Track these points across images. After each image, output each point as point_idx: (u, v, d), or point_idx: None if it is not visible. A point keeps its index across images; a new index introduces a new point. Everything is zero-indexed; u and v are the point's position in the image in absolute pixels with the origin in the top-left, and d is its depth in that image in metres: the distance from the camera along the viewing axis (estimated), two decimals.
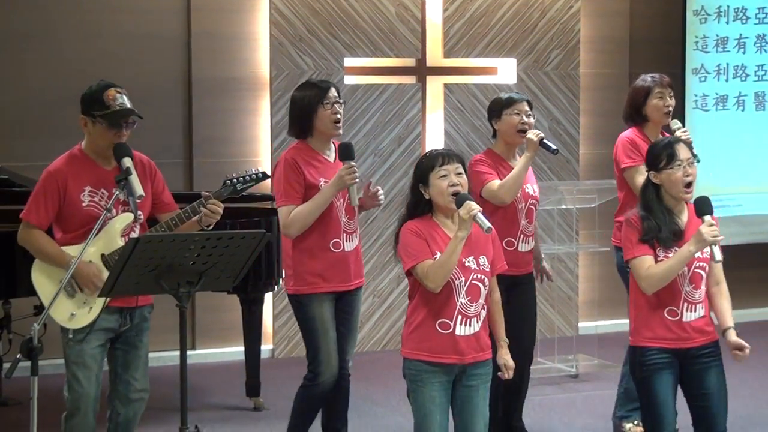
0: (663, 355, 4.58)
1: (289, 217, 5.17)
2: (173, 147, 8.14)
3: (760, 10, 9.22)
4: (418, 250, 4.37)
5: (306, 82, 5.51)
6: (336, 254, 5.25)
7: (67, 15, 7.88)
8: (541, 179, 8.76)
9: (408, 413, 6.74)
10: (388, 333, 8.66)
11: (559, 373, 7.65)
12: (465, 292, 4.38)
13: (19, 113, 7.75)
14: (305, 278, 5.25)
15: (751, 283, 8.94)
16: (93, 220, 4.64)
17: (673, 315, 4.58)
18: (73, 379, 4.67)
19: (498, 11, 8.79)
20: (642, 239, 4.56)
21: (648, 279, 4.53)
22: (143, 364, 4.85)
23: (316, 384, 5.29)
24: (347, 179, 5.12)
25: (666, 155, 4.60)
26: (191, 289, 4.29)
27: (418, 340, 4.42)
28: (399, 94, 8.60)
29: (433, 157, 4.47)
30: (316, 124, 5.25)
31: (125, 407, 4.81)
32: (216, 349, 8.24)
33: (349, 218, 5.31)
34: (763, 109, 9.33)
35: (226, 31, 8.21)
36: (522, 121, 5.75)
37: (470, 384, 4.44)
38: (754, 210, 9.27)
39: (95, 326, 4.64)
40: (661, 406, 4.58)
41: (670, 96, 6.13)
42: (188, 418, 4.35)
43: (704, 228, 4.44)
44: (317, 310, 5.25)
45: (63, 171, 4.69)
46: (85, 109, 4.70)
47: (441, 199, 4.40)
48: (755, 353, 4.72)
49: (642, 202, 4.67)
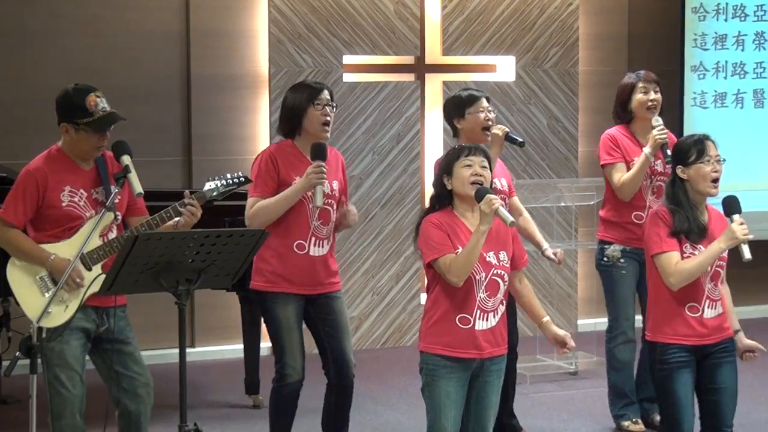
0: (683, 353, 4.60)
1: (253, 208, 5.13)
2: (172, 144, 8.13)
3: (759, 7, 9.21)
4: (440, 243, 4.37)
5: (300, 83, 5.48)
6: (299, 256, 5.16)
7: (65, 12, 7.87)
8: (539, 176, 8.78)
9: (407, 410, 6.77)
10: (387, 330, 8.65)
11: (558, 371, 7.64)
12: (485, 287, 4.39)
13: (17, 110, 7.73)
14: (266, 275, 5.20)
15: (746, 281, 8.91)
16: (71, 219, 4.64)
17: (694, 311, 4.60)
18: (56, 381, 4.62)
19: (497, 8, 8.78)
20: (672, 232, 4.58)
21: (677, 275, 4.54)
22: (140, 358, 4.84)
23: (283, 385, 5.26)
24: (312, 177, 5.03)
25: (696, 150, 4.66)
26: (190, 286, 4.28)
27: (438, 334, 4.42)
28: (398, 91, 8.60)
29: (460, 149, 4.50)
30: (305, 125, 5.21)
31: (135, 403, 4.78)
32: (215, 347, 8.24)
33: (322, 223, 5.20)
34: (762, 106, 9.33)
35: (224, 28, 8.20)
36: (486, 117, 5.70)
37: (486, 380, 4.46)
38: (753, 207, 9.24)
39: (73, 325, 4.61)
40: (680, 404, 4.60)
41: (656, 91, 6.13)
42: (187, 415, 4.34)
43: (735, 226, 4.51)
44: (281, 310, 5.20)
45: (43, 170, 4.67)
46: (67, 116, 4.66)
47: (462, 188, 4.39)
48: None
49: (670, 196, 4.70)
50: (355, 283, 8.55)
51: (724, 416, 4.65)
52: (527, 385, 7.13)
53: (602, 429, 6.40)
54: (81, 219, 4.66)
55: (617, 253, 6.14)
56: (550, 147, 8.98)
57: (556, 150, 8.98)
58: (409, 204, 8.64)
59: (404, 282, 8.68)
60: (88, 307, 4.65)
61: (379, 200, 8.59)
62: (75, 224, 4.66)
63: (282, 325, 5.21)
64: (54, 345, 4.59)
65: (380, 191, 8.60)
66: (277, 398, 5.33)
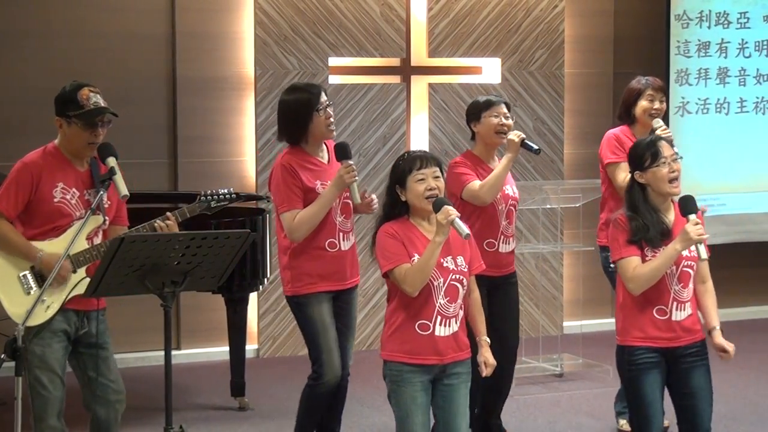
0: (651, 354, 4.59)
1: (295, 221, 5.17)
2: (157, 146, 8.12)
3: (742, 14, 9.26)
4: (395, 253, 4.39)
5: (294, 86, 5.47)
6: (332, 253, 5.27)
7: (52, 13, 7.86)
8: (525, 179, 8.79)
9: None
10: (372, 333, 8.66)
11: (543, 372, 7.66)
12: (444, 292, 4.39)
13: (4, 112, 7.73)
14: (303, 279, 5.26)
15: (733, 283, 8.97)
16: (61, 216, 4.64)
17: (662, 314, 4.59)
18: (36, 383, 4.60)
19: (482, 11, 8.80)
20: (630, 240, 4.57)
21: (635, 280, 4.54)
22: (114, 364, 4.82)
23: (321, 383, 5.30)
24: (347, 178, 5.14)
25: (650, 154, 4.63)
26: (176, 288, 4.29)
27: (399, 342, 4.43)
28: (383, 93, 8.61)
29: (410, 159, 4.46)
30: (311, 130, 5.26)
31: (106, 409, 4.76)
32: (201, 349, 8.23)
33: (345, 218, 5.33)
34: (744, 112, 9.37)
35: (210, 30, 8.20)
36: (501, 122, 5.78)
37: (450, 383, 4.45)
38: (738, 209, 9.31)
39: (54, 327, 4.60)
40: (649, 406, 4.60)
41: (661, 100, 6.19)
42: (173, 418, 4.35)
43: (689, 226, 4.46)
44: (316, 310, 5.26)
45: (38, 164, 4.67)
46: (60, 109, 4.68)
47: (418, 202, 4.41)
48: (738, 352, 4.74)
49: (628, 202, 4.68)
50: None
51: (701, 420, 4.64)
52: (513, 387, 7.13)
53: (587, 430, 6.42)
54: (70, 217, 4.66)
55: None
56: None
57: (542, 152, 8.99)
58: None
59: None
60: (69, 309, 4.64)
61: None
62: (64, 222, 4.65)
63: (319, 326, 5.27)
64: (35, 347, 4.57)
65: (366, 193, 8.58)
66: (313, 397, 5.35)
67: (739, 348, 4.74)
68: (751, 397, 7.10)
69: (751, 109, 9.39)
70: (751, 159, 9.39)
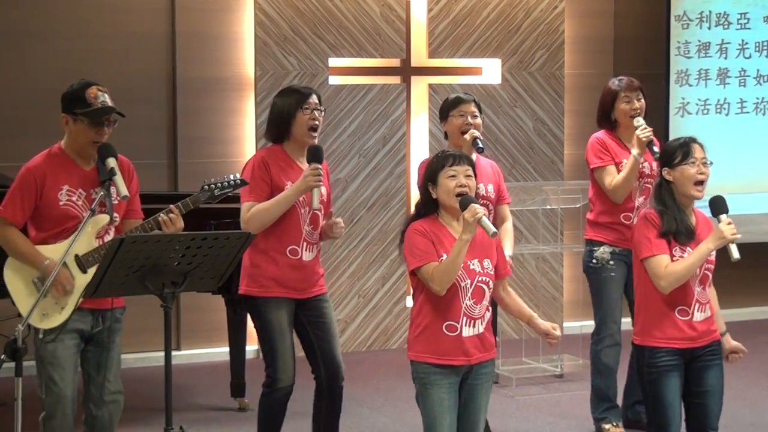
0: (672, 357, 4.60)
1: (249, 212, 5.09)
2: (157, 147, 8.13)
3: (742, 15, 9.26)
4: (424, 251, 4.37)
5: (289, 87, 5.45)
6: (292, 261, 5.15)
7: (52, 14, 7.87)
8: (525, 179, 8.79)
9: (393, 413, 6.78)
10: (372, 334, 8.66)
11: (544, 373, 7.66)
12: (470, 294, 4.39)
13: (6, 113, 7.73)
14: (259, 281, 5.17)
15: (733, 283, 8.95)
16: (69, 219, 4.63)
17: (684, 315, 4.61)
18: (49, 380, 4.62)
19: (483, 11, 8.80)
20: (662, 233, 4.58)
21: (668, 277, 4.54)
22: (116, 365, 4.81)
23: (275, 390, 5.21)
24: (310, 180, 5.02)
25: (681, 153, 4.67)
26: (176, 289, 4.29)
27: (426, 342, 4.41)
28: (384, 94, 8.61)
29: (444, 157, 4.48)
30: (293, 130, 5.19)
31: (100, 409, 4.76)
32: (201, 350, 8.23)
33: (312, 228, 5.21)
34: (745, 113, 9.37)
35: (210, 30, 8.20)
36: (466, 122, 5.69)
37: (475, 383, 4.46)
38: (738, 210, 9.26)
39: (68, 327, 4.61)
40: (668, 408, 4.61)
41: (638, 99, 6.16)
42: (173, 418, 4.35)
43: (723, 226, 4.51)
44: (274, 314, 5.17)
45: (42, 168, 4.66)
46: (67, 107, 4.67)
47: (447, 198, 4.40)
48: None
49: (658, 198, 4.70)
50: (341, 285, 8.55)
51: (710, 418, 4.67)
52: (513, 387, 7.15)
53: (587, 431, 6.42)
54: (78, 219, 4.63)
55: (606, 255, 6.16)
56: (536, 150, 9.00)
57: (542, 153, 9.00)
58: (395, 207, 8.65)
59: (390, 285, 8.68)
60: (84, 309, 4.64)
61: (365, 203, 8.60)
62: (72, 224, 4.63)
63: (275, 330, 5.17)
64: (48, 345, 4.59)
65: (366, 194, 8.61)
66: (268, 403, 5.28)
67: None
68: (752, 397, 7.10)
69: (751, 110, 9.39)
70: (751, 160, 9.39)
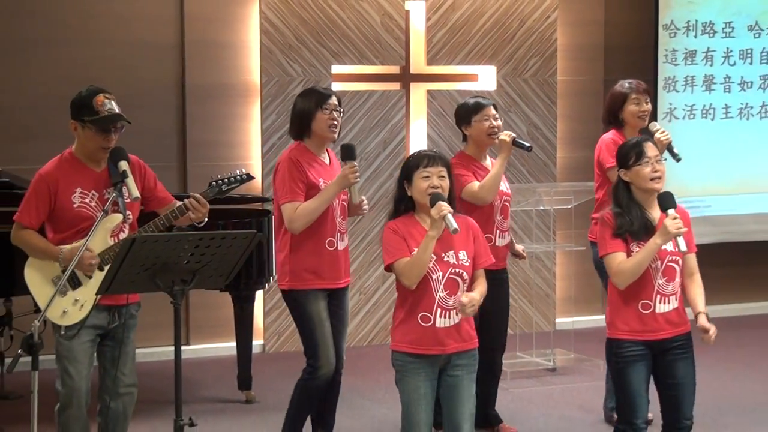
0: (637, 347, 4.59)
1: (295, 212, 5.16)
2: (167, 150, 8.12)
3: (727, 24, 9.26)
4: (396, 248, 4.40)
5: (311, 88, 5.54)
6: (330, 252, 5.26)
7: (68, 23, 7.87)
8: (519, 181, 8.79)
9: (393, 405, 6.77)
10: (374, 329, 8.65)
11: (537, 367, 7.65)
12: (443, 286, 4.39)
13: (21, 117, 7.74)
14: (301, 275, 5.25)
15: (719, 281, 8.95)
16: (83, 220, 4.64)
17: (646, 308, 4.60)
18: (64, 373, 4.64)
19: (478, 21, 8.80)
20: (615, 233, 4.59)
21: (619, 274, 4.56)
22: (131, 359, 4.83)
23: (316, 377, 5.28)
24: (350, 178, 5.16)
25: (635, 153, 4.65)
26: (185, 287, 4.28)
27: (403, 333, 4.45)
28: (384, 100, 8.60)
29: (419, 157, 4.50)
30: (314, 127, 5.27)
31: (114, 401, 4.77)
32: (209, 345, 8.23)
33: (342, 219, 5.33)
34: (729, 117, 9.37)
35: (218, 39, 8.20)
36: (491, 125, 5.79)
37: (454, 374, 4.45)
38: (723, 211, 9.31)
39: (86, 323, 4.63)
40: (634, 396, 4.62)
41: (646, 102, 6.17)
42: (183, 410, 4.34)
43: (668, 221, 4.48)
44: (314, 306, 5.25)
45: (54, 174, 4.67)
46: (75, 114, 4.68)
47: (420, 198, 4.44)
48: (724, 348, 4.74)
49: (614, 199, 4.71)
50: None
51: (684, 409, 4.67)
52: (507, 380, 7.14)
53: (579, 422, 6.42)
54: (92, 219, 4.64)
55: None
56: (530, 153, 8.97)
57: (536, 156, 8.99)
58: None
59: (390, 282, 8.67)
60: (101, 305, 4.65)
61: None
62: (87, 224, 4.63)
63: (315, 321, 5.25)
64: (64, 341, 4.61)
65: (367, 195, 8.55)
66: (306, 390, 5.33)
67: (725, 343, 4.75)
68: (736, 389, 7.09)
69: (735, 115, 9.39)
70: (735, 163, 9.39)
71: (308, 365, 5.30)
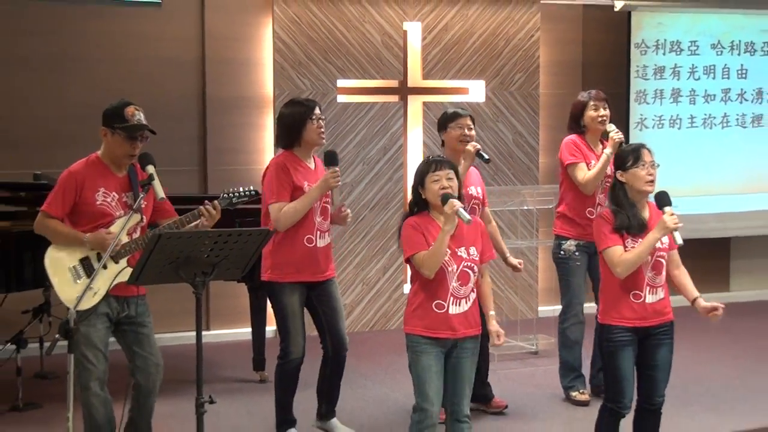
0: (626, 333, 4.61)
1: (281, 212, 5.15)
2: (190, 156, 8.13)
3: (692, 43, 9.28)
4: (416, 242, 4.42)
5: (292, 100, 5.49)
6: (309, 248, 5.24)
7: (100, 42, 7.88)
8: (505, 184, 8.79)
9: (393, 385, 6.79)
10: (375, 317, 8.66)
11: (521, 350, 7.66)
12: (456, 277, 4.42)
13: (58, 126, 7.74)
14: (282, 268, 5.24)
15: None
16: (103, 216, 4.67)
17: (637, 298, 4.61)
18: (83, 358, 4.63)
19: (469, 40, 8.81)
20: (615, 228, 4.59)
21: (622, 264, 4.55)
22: (153, 340, 4.85)
23: (287, 361, 5.30)
24: (332, 182, 5.15)
25: (633, 157, 4.66)
26: (206, 278, 4.28)
27: (418, 318, 4.47)
28: (384, 111, 8.61)
29: (428, 163, 4.54)
30: (305, 136, 5.26)
31: (145, 378, 4.79)
32: (227, 330, 8.24)
33: (323, 219, 5.30)
34: (694, 127, 9.38)
35: (235, 56, 8.21)
36: (463, 133, 5.75)
37: (460, 356, 4.48)
38: (688, 211, 9.32)
39: (98, 311, 4.63)
40: (623, 378, 4.63)
41: (604, 107, 6.18)
42: (203, 389, 4.35)
43: (666, 217, 4.51)
44: (288, 298, 5.24)
45: (81, 172, 4.70)
46: (107, 121, 4.71)
47: (433, 198, 4.47)
48: (689, 335, 4.75)
49: (612, 198, 4.71)
50: (348, 274, 8.56)
51: (658, 388, 4.69)
52: (495, 362, 7.14)
53: (558, 400, 6.43)
54: (111, 217, 4.68)
55: (572, 248, 6.17)
56: (515, 158, 9.01)
57: (520, 161, 9.01)
58: (394, 207, 8.66)
59: (390, 274, 8.69)
60: (111, 296, 4.67)
61: (367, 204, 8.60)
62: (106, 221, 4.67)
63: (288, 311, 5.25)
64: (81, 328, 4.60)
65: (369, 196, 8.61)
66: (282, 373, 5.35)
67: (690, 331, 4.75)
68: (699, 372, 7.10)
69: (700, 125, 9.40)
70: (699, 168, 9.41)
71: (281, 350, 5.31)
